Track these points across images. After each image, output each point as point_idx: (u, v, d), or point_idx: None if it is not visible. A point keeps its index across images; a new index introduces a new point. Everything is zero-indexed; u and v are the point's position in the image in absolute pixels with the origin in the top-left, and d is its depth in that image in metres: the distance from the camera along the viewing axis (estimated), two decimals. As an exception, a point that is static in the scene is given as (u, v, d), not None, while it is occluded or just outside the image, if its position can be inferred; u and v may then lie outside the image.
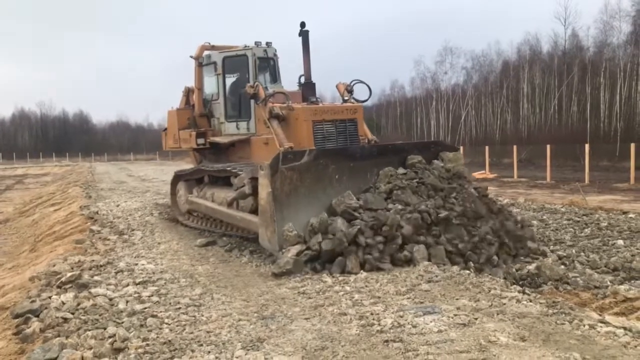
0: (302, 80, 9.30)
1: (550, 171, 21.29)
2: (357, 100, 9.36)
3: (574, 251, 7.51)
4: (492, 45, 67.46)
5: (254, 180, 7.18)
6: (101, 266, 6.58)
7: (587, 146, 20.73)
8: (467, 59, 53.34)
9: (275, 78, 10.25)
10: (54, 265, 6.43)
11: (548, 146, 21.92)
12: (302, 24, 8.79)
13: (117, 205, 13.19)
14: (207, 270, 6.55)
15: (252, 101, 9.04)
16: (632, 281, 6.07)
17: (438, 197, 7.06)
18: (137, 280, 5.90)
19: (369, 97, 9.65)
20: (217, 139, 10.12)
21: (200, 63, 10.48)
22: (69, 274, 5.78)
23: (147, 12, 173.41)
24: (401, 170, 7.35)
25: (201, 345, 3.99)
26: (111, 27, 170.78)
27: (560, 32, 43.57)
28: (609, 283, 6.02)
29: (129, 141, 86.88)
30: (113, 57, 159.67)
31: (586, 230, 8.99)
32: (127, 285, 5.73)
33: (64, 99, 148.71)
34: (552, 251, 7.45)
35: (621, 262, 6.74)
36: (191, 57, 10.57)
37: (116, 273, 6.26)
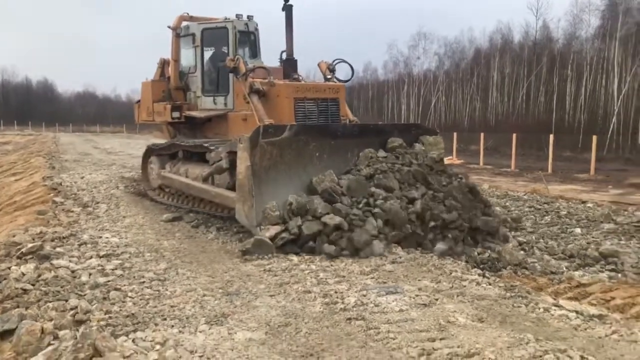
0: (284, 56, 9.04)
1: (515, 159, 21.76)
2: (339, 80, 9.18)
3: (533, 237, 7.74)
4: (465, 32, 68.20)
5: (232, 154, 6.98)
6: (64, 238, 6.46)
7: (551, 136, 21.24)
8: (440, 45, 53.58)
9: (255, 53, 9.95)
10: (14, 236, 6.28)
11: (514, 135, 22.36)
12: None
13: (82, 177, 12.93)
14: (173, 245, 6.52)
15: (231, 76, 8.80)
16: (587, 267, 6.30)
17: (421, 186, 7.00)
18: (101, 253, 5.83)
19: (352, 77, 9.50)
20: (193, 113, 9.78)
21: (178, 34, 10.08)
22: (29, 245, 5.66)
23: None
24: (382, 154, 7.30)
25: (165, 319, 4.00)
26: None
27: (531, 22, 44.30)
28: (564, 269, 6.24)
29: (95, 112, 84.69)
30: (81, 25, 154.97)
31: (546, 217, 9.26)
32: (91, 257, 5.66)
33: (28, 66, 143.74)
34: (513, 237, 7.66)
35: (577, 249, 6.98)
36: (169, 27, 10.17)
37: (79, 245, 6.17)
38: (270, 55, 9.97)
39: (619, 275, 5.99)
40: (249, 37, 9.86)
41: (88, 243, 6.29)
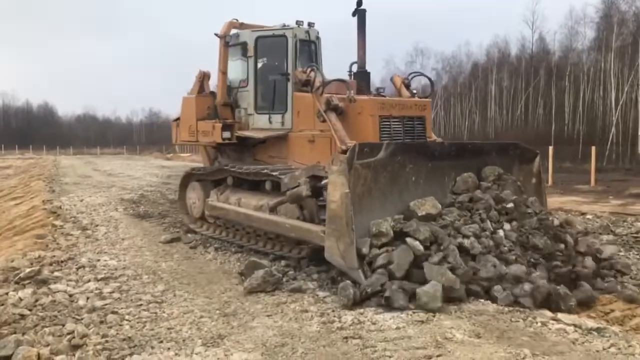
0: (354, 68, 8.01)
1: (515, 172, 21.71)
2: (414, 95, 8.16)
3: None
4: (462, 47, 68.44)
5: (314, 179, 6.05)
6: (62, 262, 6.49)
7: (551, 148, 21.23)
8: (437, 60, 53.86)
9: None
10: (12, 261, 6.30)
11: (513, 147, 22.34)
12: (359, 2, 7.55)
13: (81, 200, 12.96)
14: (171, 266, 6.52)
15: (290, 91, 7.98)
16: (586, 280, 6.26)
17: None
18: (99, 277, 5.85)
19: (432, 91, 8.57)
20: (248, 133, 8.54)
21: (227, 43, 8.78)
22: (27, 270, 5.68)
23: (117, 3, 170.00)
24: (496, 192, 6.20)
25: (161, 342, 4.00)
26: (79, 19, 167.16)
27: (527, 35, 44.53)
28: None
29: (95, 134, 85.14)
30: (81, 48, 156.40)
31: (546, 230, 9.22)
32: (89, 281, 5.67)
33: (28, 90, 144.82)
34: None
35: (576, 261, 6.93)
36: (216, 35, 8.89)
37: (77, 269, 6.19)
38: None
39: (619, 287, 5.95)
40: (309, 47, 8.70)
41: (86, 266, 6.30)
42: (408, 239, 5.14)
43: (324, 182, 5.77)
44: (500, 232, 5.69)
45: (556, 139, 34.43)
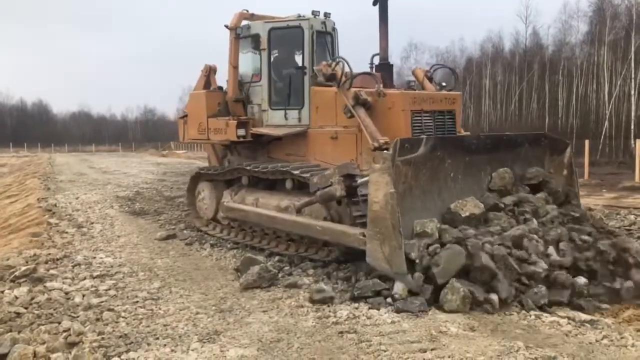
0: (376, 60, 7.67)
1: (509, 166, 21.78)
2: (442, 88, 7.87)
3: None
4: (456, 42, 68.48)
5: (349, 178, 5.75)
6: (58, 260, 6.49)
7: (544, 142, 21.29)
8: (431, 55, 53.71)
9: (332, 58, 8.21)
10: (7, 259, 6.30)
11: (508, 142, 22.42)
12: None
13: (77, 198, 12.92)
14: (167, 263, 6.53)
15: (307, 85, 7.67)
16: (579, 273, 6.31)
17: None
18: (95, 274, 5.86)
19: (455, 84, 8.22)
20: (265, 131, 8.10)
21: (238, 35, 8.33)
22: (23, 268, 5.68)
23: (112, 1, 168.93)
24: (544, 202, 5.97)
25: (157, 338, 4.02)
26: (72, 16, 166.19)
27: (521, 30, 44.67)
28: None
29: (90, 132, 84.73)
30: (74, 46, 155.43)
31: (540, 224, 9.27)
32: (84, 279, 5.68)
33: (22, 88, 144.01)
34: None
35: (570, 254, 6.98)
36: (226, 26, 8.46)
37: (73, 267, 6.20)
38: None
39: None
40: (325, 39, 8.29)
41: (82, 264, 6.31)
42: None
43: (360, 181, 5.61)
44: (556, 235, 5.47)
45: (550, 132, 34.52)
